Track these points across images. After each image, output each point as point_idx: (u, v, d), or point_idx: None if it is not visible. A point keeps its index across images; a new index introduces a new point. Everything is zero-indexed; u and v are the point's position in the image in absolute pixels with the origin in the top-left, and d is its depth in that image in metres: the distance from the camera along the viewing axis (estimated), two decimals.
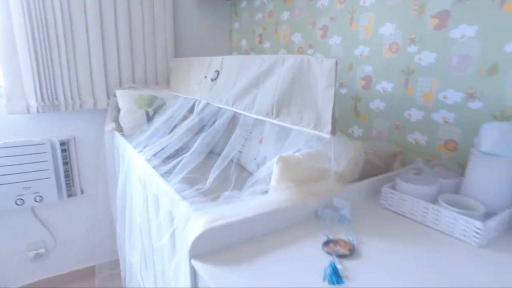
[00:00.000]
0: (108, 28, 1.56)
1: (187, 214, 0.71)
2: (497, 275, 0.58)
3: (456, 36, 0.90)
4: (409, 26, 1.02)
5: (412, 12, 1.00)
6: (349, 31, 1.22)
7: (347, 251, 0.63)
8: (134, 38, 1.64)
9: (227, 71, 1.12)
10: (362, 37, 1.17)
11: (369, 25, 1.14)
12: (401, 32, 1.04)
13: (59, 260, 1.71)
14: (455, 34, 0.91)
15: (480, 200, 0.74)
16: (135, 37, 1.64)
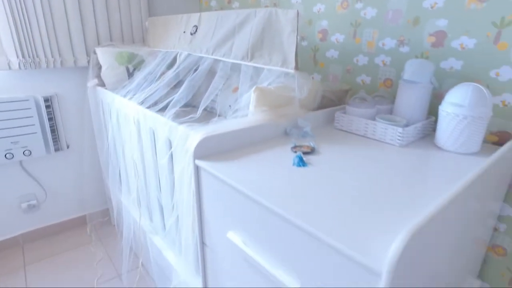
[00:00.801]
0: None
1: (185, 133, 0.91)
2: (412, 162, 0.85)
3: None
4: None
5: None
6: None
7: (309, 150, 0.87)
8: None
9: (205, 25, 1.28)
10: None
11: None
12: None
13: (51, 211, 1.84)
14: None
15: (403, 116, 1.02)
16: None
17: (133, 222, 1.48)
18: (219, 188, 0.78)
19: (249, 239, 0.73)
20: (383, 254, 0.49)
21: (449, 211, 0.57)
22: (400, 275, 0.48)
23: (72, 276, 1.56)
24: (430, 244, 0.55)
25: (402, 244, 0.45)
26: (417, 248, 0.50)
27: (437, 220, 0.53)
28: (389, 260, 0.45)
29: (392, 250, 0.46)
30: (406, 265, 0.49)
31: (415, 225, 0.48)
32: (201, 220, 0.90)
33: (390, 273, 0.46)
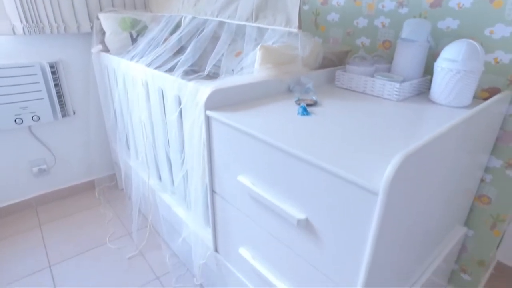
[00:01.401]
0: None
1: (195, 88, 0.96)
2: (406, 113, 0.91)
3: None
4: None
5: None
6: None
7: (312, 103, 0.93)
8: None
9: None
10: None
11: None
12: None
13: (60, 175, 1.91)
14: None
15: (401, 74, 1.07)
16: None
17: (141, 183, 1.55)
18: (229, 135, 0.84)
19: (257, 180, 0.80)
20: (380, 177, 0.56)
21: (438, 143, 0.64)
22: (394, 194, 0.55)
23: (85, 234, 1.65)
24: (420, 170, 0.62)
25: (396, 166, 0.52)
26: (409, 171, 0.57)
27: (427, 148, 0.60)
28: (385, 180, 0.52)
29: (387, 171, 0.53)
30: (400, 186, 0.56)
31: (407, 151, 0.55)
32: (211, 169, 0.97)
33: (385, 192, 0.53)
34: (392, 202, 0.56)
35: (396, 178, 0.53)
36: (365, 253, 0.59)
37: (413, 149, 0.55)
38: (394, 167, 0.52)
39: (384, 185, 0.52)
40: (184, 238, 1.28)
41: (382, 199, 0.54)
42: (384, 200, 0.53)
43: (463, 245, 1.22)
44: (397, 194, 0.56)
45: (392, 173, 0.52)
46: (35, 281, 1.38)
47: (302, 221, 0.69)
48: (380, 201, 0.54)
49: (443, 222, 0.99)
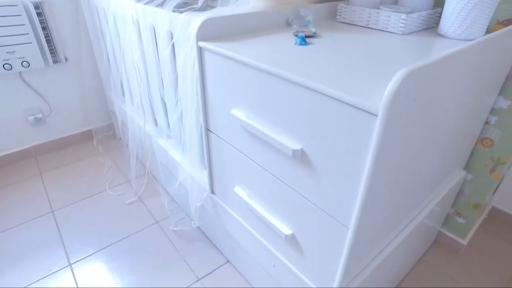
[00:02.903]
0: None
1: (187, 19, 0.89)
2: (410, 47, 0.85)
3: None
4: None
5: None
6: None
7: (311, 34, 0.87)
8: None
9: None
10: None
11: None
12: None
13: (57, 125, 1.89)
14: None
15: (409, 6, 0.99)
16: None
17: (138, 129, 1.53)
18: (222, 66, 0.79)
19: (252, 113, 0.77)
20: (379, 99, 0.53)
21: (443, 66, 0.60)
22: (395, 116, 0.51)
23: (85, 182, 1.66)
24: (423, 95, 0.58)
25: (398, 82, 0.48)
26: (411, 91, 0.53)
27: (432, 69, 0.55)
28: (385, 98, 0.49)
29: (388, 88, 0.49)
30: (401, 107, 0.52)
31: (411, 67, 0.50)
32: (205, 105, 0.93)
33: (386, 112, 0.49)
34: (392, 125, 0.52)
35: (397, 96, 0.49)
36: (361, 183, 0.58)
37: (417, 66, 0.51)
38: (396, 84, 0.48)
39: (385, 104, 0.49)
40: (181, 182, 1.29)
41: (382, 121, 0.50)
42: (383, 122, 0.50)
43: (460, 189, 1.22)
44: (398, 117, 0.53)
45: (393, 90, 0.48)
46: (39, 224, 1.41)
47: (297, 151, 0.66)
48: (380, 123, 0.50)
49: (443, 164, 0.97)
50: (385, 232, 0.82)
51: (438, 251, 1.31)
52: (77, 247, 1.31)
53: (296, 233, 0.80)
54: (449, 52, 0.60)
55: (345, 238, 0.67)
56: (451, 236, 1.29)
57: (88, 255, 1.27)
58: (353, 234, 0.64)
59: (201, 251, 1.29)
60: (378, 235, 0.78)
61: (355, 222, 0.63)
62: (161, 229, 1.39)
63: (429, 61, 0.54)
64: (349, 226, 0.65)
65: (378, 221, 0.73)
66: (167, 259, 1.26)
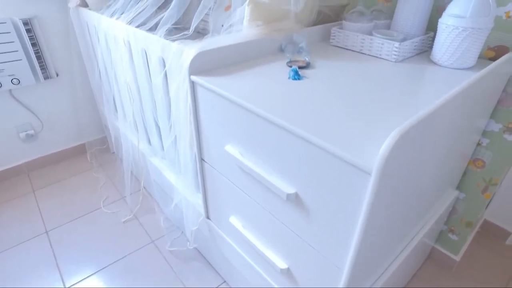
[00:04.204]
0: None
1: (179, 49, 0.88)
2: (405, 76, 0.85)
3: None
4: None
5: None
6: None
7: (305, 65, 0.87)
8: None
9: None
10: None
11: None
12: None
13: (50, 140, 1.86)
14: None
15: (401, 31, 0.99)
16: None
17: (131, 146, 1.51)
18: (215, 102, 0.79)
19: (246, 150, 0.76)
20: (374, 155, 0.53)
21: (436, 117, 0.60)
22: (388, 173, 0.52)
23: (79, 199, 1.65)
24: (416, 147, 0.58)
25: (391, 145, 0.48)
26: (404, 149, 0.53)
27: (424, 124, 0.55)
28: (378, 160, 0.48)
29: (381, 151, 0.48)
30: (394, 164, 0.52)
31: (403, 127, 0.50)
32: (199, 136, 0.93)
33: (379, 172, 0.49)
34: (385, 181, 0.53)
35: (390, 157, 0.49)
36: (356, 230, 0.58)
37: (408, 125, 0.51)
38: (389, 147, 0.48)
39: (378, 165, 0.49)
40: (176, 203, 1.28)
41: (375, 179, 0.50)
42: (377, 180, 0.50)
43: (453, 207, 1.23)
44: (391, 173, 0.53)
45: (386, 153, 0.48)
46: (33, 246, 1.40)
47: (291, 195, 0.66)
48: (373, 181, 0.50)
49: (437, 188, 0.98)
50: (381, 261, 0.83)
51: (431, 267, 1.32)
52: (73, 270, 1.30)
53: (291, 267, 0.80)
54: (441, 101, 0.60)
55: (341, 277, 0.67)
56: (445, 252, 1.31)
57: (84, 278, 1.27)
58: (348, 274, 0.65)
59: (197, 271, 1.29)
60: (374, 266, 0.79)
61: (350, 264, 0.63)
62: (157, 248, 1.39)
63: (422, 115, 0.54)
64: (343, 269, 0.65)
65: (374, 255, 0.73)
66: (163, 280, 1.26)
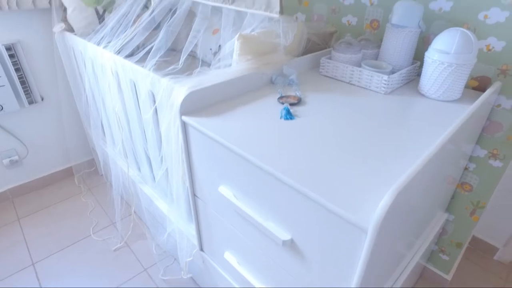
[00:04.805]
0: None
1: (169, 86, 0.88)
2: (396, 110, 0.87)
3: None
4: None
5: None
6: None
7: (296, 101, 0.87)
8: None
9: None
10: None
11: None
12: None
13: (35, 165, 1.81)
14: None
15: (389, 62, 1.01)
16: None
17: (121, 172, 1.49)
18: (207, 144, 0.78)
19: (240, 193, 0.76)
20: (369, 209, 0.53)
21: (431, 165, 0.61)
22: (384, 230, 0.52)
23: (67, 226, 1.61)
24: (413, 196, 0.59)
25: (387, 205, 0.48)
26: (400, 204, 0.54)
27: (420, 176, 0.56)
28: (376, 218, 0.49)
29: (378, 209, 0.49)
30: (391, 221, 0.53)
31: (399, 185, 0.51)
32: (191, 173, 0.92)
33: (376, 230, 0.49)
34: (382, 236, 0.53)
35: (387, 216, 0.49)
36: (353, 278, 0.58)
37: (405, 181, 0.51)
38: (385, 207, 0.48)
39: (375, 224, 0.49)
40: (169, 233, 1.26)
41: (372, 236, 0.50)
42: (374, 237, 0.50)
43: (443, 228, 1.26)
44: (388, 227, 0.54)
45: (383, 213, 0.48)
46: (19, 280, 1.36)
47: (287, 241, 0.66)
48: (370, 238, 0.51)
49: (429, 213, 0.99)
50: None
51: (423, 286, 1.34)
52: None
53: None
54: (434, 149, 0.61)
55: None
56: (436, 272, 1.33)
57: None
58: None
59: None
60: None
61: None
62: (150, 277, 1.36)
63: (421, 165, 0.55)
64: None
65: None
66: None
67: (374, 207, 0.53)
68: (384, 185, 0.58)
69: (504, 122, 0.99)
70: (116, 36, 1.22)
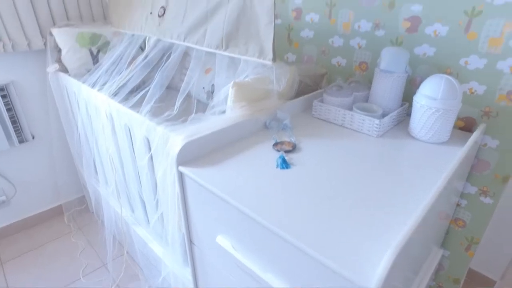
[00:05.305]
0: None
1: (165, 134, 0.88)
2: (390, 154, 0.89)
3: None
4: None
5: None
6: None
7: (291, 148, 0.89)
8: None
9: (174, 7, 1.19)
10: None
11: None
12: None
13: (23, 204, 1.77)
14: None
15: (379, 104, 1.04)
16: None
17: (113, 213, 1.46)
18: (204, 194, 0.78)
19: (238, 243, 0.75)
20: (371, 267, 0.53)
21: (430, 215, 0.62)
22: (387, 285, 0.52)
23: (56, 269, 1.55)
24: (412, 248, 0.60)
25: (390, 263, 0.49)
26: (402, 259, 0.54)
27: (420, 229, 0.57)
28: (378, 278, 0.49)
29: (380, 269, 0.49)
30: (393, 276, 0.53)
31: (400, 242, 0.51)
32: (187, 220, 0.91)
33: None
34: None
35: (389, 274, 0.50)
36: None
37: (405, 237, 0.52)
38: (387, 267, 0.49)
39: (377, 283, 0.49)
40: (164, 277, 1.23)
41: None
42: None
43: (440, 264, 1.26)
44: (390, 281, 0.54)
45: (385, 272, 0.49)
46: None
47: None
48: None
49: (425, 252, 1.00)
50: None
51: None
52: None
53: None
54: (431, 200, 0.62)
55: None
56: None
57: None
58: None
59: None
60: None
61: None
62: None
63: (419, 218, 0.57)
64: None
65: None
66: None
67: (376, 263, 0.53)
68: (384, 236, 0.58)
69: (491, 160, 1.02)
70: (111, 78, 1.24)
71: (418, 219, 0.57)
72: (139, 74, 1.21)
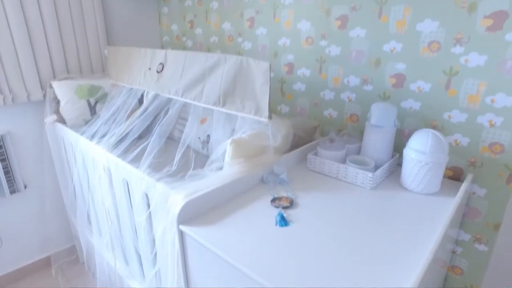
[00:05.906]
0: (30, 13, 1.50)
1: (165, 192, 0.90)
2: (384, 206, 0.91)
3: (353, 36, 1.20)
4: (320, 25, 1.28)
5: (321, 13, 1.27)
6: (273, 24, 1.44)
7: (288, 204, 0.91)
8: (63, 25, 1.61)
9: (172, 64, 1.26)
10: (284, 30, 1.41)
11: (289, 20, 1.38)
12: (314, 28, 1.30)
13: (9, 257, 1.70)
14: (352, 34, 1.20)
15: (371, 157, 1.09)
16: (64, 24, 1.61)
17: (107, 265, 1.42)
18: (206, 254, 0.78)
19: None
20: None
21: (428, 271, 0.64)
22: None
23: None
24: None
25: None
26: None
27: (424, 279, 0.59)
28: None
29: None
30: None
31: None
32: (187, 279, 0.90)
33: None
34: None
35: None
36: None
37: None
38: None
39: None
40: None
41: None
42: None
43: None
44: None
45: None
46: None
47: None
48: None
49: None
50: None
51: None
52: None
53: None
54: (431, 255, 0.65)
55: None
56: None
57: None
58: None
59: None
60: None
61: None
62: None
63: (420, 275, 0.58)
64: None
65: None
66: None
67: None
68: None
69: (481, 208, 1.06)
70: (109, 132, 1.27)
71: (420, 274, 0.58)
72: (138, 126, 1.24)
